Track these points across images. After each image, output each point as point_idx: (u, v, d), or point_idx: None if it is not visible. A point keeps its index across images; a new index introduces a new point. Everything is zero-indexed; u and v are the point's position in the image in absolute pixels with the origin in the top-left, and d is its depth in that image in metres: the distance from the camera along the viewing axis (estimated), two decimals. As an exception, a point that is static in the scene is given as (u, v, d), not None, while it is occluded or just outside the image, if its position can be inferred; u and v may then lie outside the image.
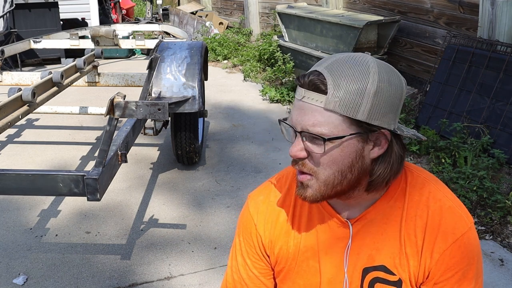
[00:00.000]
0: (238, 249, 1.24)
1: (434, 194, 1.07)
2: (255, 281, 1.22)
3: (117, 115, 2.06)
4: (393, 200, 1.08)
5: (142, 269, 2.59)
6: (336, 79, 0.95)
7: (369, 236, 1.09)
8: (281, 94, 5.30)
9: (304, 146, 0.99)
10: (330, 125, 0.96)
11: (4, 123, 2.28)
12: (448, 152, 3.55)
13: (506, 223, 2.86)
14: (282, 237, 1.17)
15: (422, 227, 1.04)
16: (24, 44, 4.28)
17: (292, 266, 1.16)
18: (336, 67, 0.96)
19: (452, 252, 1.03)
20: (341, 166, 0.99)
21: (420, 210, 1.05)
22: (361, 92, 0.95)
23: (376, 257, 1.08)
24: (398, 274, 1.06)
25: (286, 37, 6.19)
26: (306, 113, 0.97)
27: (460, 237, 1.03)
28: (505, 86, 3.62)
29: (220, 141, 4.30)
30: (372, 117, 0.96)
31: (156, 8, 11.01)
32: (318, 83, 0.96)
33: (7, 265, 2.63)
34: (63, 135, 4.51)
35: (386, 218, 1.07)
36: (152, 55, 3.29)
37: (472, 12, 4.21)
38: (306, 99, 0.97)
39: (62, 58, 7.31)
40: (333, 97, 0.95)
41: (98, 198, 1.99)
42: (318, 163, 1.00)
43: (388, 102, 0.97)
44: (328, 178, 1.00)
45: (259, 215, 1.19)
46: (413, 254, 1.05)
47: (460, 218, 1.05)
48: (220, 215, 3.11)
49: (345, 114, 0.95)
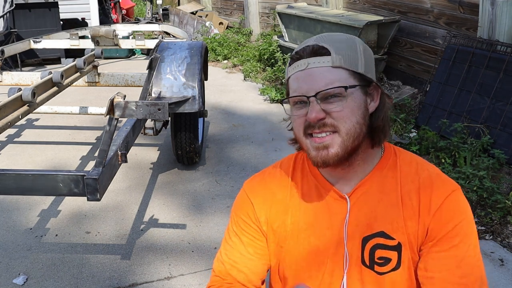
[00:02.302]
0: (232, 231, 1.24)
1: (421, 165, 1.17)
2: (247, 263, 1.21)
3: (117, 115, 2.06)
4: (385, 170, 1.15)
5: (142, 269, 2.59)
6: (333, 43, 1.08)
7: (366, 206, 1.13)
8: (281, 94, 5.30)
9: (320, 107, 1.06)
10: (341, 80, 1.06)
11: (4, 123, 2.28)
12: (448, 152, 3.55)
13: (506, 223, 2.86)
14: (280, 216, 1.19)
15: (416, 190, 1.12)
16: (24, 44, 4.28)
17: (292, 244, 1.18)
18: (326, 37, 1.10)
19: (448, 204, 1.10)
20: (357, 116, 1.07)
21: (411, 177, 1.14)
22: (355, 49, 1.09)
23: (374, 224, 1.12)
24: (397, 238, 1.11)
25: (286, 37, 6.19)
26: (316, 77, 1.06)
27: (452, 192, 1.11)
28: (505, 86, 3.62)
29: (220, 141, 4.30)
30: (367, 70, 1.09)
31: (156, 8, 11.01)
32: (319, 49, 1.07)
33: (7, 265, 2.63)
34: (63, 135, 4.51)
35: (381, 187, 1.14)
36: (152, 55, 3.29)
37: (472, 12, 4.21)
38: (312, 65, 1.06)
39: (62, 58, 7.31)
40: (337, 55, 1.06)
41: (98, 198, 1.99)
42: (338, 117, 1.06)
43: (371, 58, 1.12)
44: (349, 130, 1.07)
45: (256, 194, 1.23)
46: (410, 216, 1.11)
47: (448, 179, 1.15)
48: (220, 215, 3.11)
49: (350, 68, 1.07)
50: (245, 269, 1.21)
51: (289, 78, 1.11)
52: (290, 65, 1.11)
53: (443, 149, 3.58)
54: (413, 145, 3.77)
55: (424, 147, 3.73)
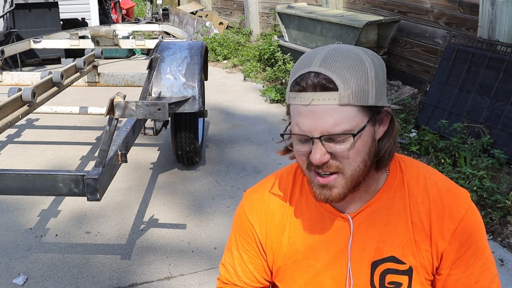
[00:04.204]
0: (234, 244, 1.24)
1: (429, 180, 1.10)
2: (249, 276, 1.22)
3: (117, 115, 2.06)
4: (393, 191, 1.09)
5: (142, 269, 2.59)
6: (340, 74, 0.94)
7: (373, 228, 1.09)
8: (281, 94, 5.30)
9: (325, 149, 0.98)
10: (349, 119, 0.95)
11: (4, 123, 2.28)
12: (448, 152, 3.55)
13: (506, 223, 2.86)
14: (278, 236, 1.16)
15: (426, 212, 1.07)
16: (24, 44, 4.28)
17: (289, 265, 1.16)
18: (331, 63, 0.96)
19: (462, 229, 1.06)
20: (363, 155, 1.00)
21: (420, 196, 1.08)
22: (366, 78, 0.96)
23: (384, 249, 1.09)
24: (408, 262, 1.07)
25: (286, 37, 6.19)
26: (321, 116, 0.95)
27: (465, 213, 1.06)
28: (505, 86, 3.62)
29: (220, 141, 4.30)
30: (378, 99, 0.98)
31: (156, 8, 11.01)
32: (324, 83, 0.94)
33: (7, 265, 2.63)
34: (63, 135, 4.51)
35: (389, 209, 1.09)
36: (152, 55, 3.29)
37: (472, 12, 4.21)
38: (317, 101, 0.95)
39: (62, 58, 7.31)
40: (345, 91, 0.94)
41: (98, 198, 1.99)
42: (344, 159, 0.99)
43: (383, 81, 1.00)
44: (354, 171, 1.00)
45: (254, 214, 1.19)
46: (422, 239, 1.07)
47: (459, 196, 1.09)
48: (220, 215, 3.11)
49: (359, 104, 0.95)
50: (247, 281, 1.22)
51: (290, 105, 1.01)
52: (291, 91, 0.98)
53: (443, 149, 3.58)
54: (413, 145, 3.77)
55: (424, 147, 3.73)
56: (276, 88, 5.54)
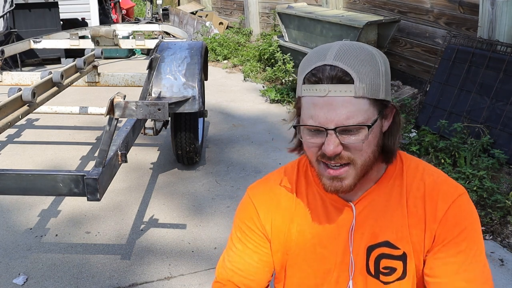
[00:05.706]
0: (236, 237, 1.23)
1: (427, 171, 1.14)
2: (252, 271, 1.20)
3: (117, 115, 2.06)
4: (392, 180, 1.13)
5: (142, 269, 2.59)
6: (355, 67, 0.98)
7: (372, 215, 1.12)
8: (281, 94, 5.30)
9: (339, 141, 1.00)
10: (362, 112, 0.99)
11: (4, 123, 2.28)
12: (448, 153, 3.55)
13: (506, 223, 2.86)
14: (285, 224, 1.18)
15: (421, 197, 1.10)
16: (24, 44, 4.28)
17: (297, 253, 1.17)
18: (346, 57, 0.98)
19: (454, 209, 1.08)
20: (373, 146, 1.04)
21: (416, 183, 1.12)
22: (378, 72, 1.00)
23: (380, 234, 1.11)
24: (401, 247, 1.10)
25: (286, 37, 6.19)
26: (337, 107, 0.98)
27: (458, 197, 1.09)
28: (505, 86, 3.62)
29: (220, 141, 4.30)
30: (387, 94, 1.03)
31: (156, 8, 11.01)
32: (341, 75, 0.97)
33: (7, 265, 2.63)
34: (63, 135, 4.51)
35: (388, 196, 1.12)
36: (152, 55, 3.28)
37: (472, 12, 4.21)
38: (333, 93, 0.97)
39: (62, 58, 7.31)
40: (361, 83, 0.97)
41: (98, 198, 1.99)
42: (356, 151, 1.02)
43: (389, 77, 1.05)
44: (365, 161, 1.04)
45: (261, 202, 1.21)
46: (415, 224, 1.09)
47: (454, 184, 1.12)
48: (220, 215, 3.11)
49: (372, 97, 0.99)
50: (249, 277, 1.21)
51: (303, 97, 1.02)
52: (305, 83, 1.01)
53: (443, 149, 3.58)
54: (413, 145, 3.77)
55: (424, 147, 3.73)
56: (276, 88, 5.54)
